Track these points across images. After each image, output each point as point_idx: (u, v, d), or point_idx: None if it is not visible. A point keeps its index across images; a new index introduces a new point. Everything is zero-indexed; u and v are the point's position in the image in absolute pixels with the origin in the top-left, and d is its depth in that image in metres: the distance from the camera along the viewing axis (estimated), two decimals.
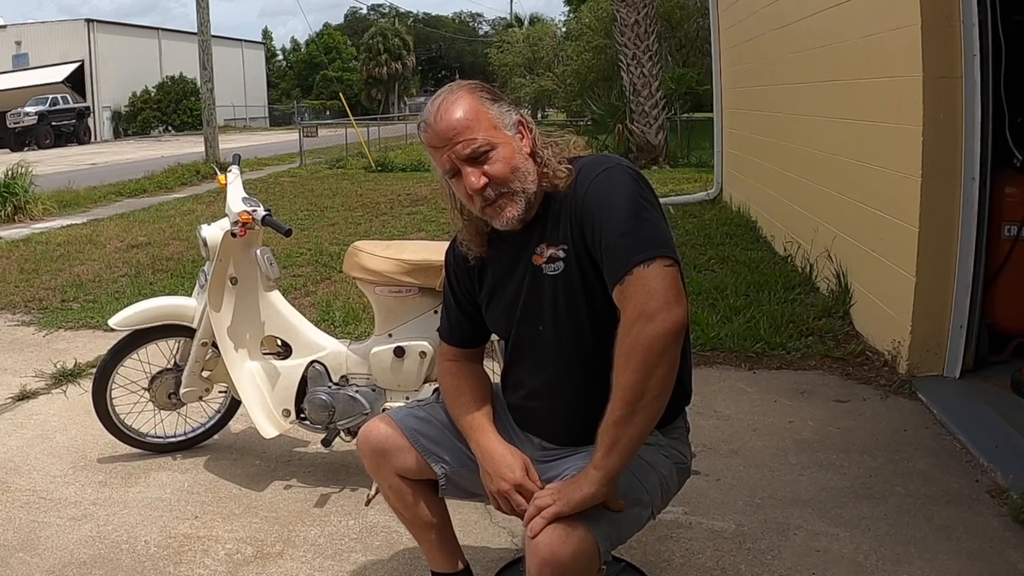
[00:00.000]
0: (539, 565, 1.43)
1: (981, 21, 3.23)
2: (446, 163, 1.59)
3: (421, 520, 1.86)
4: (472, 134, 1.55)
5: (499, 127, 1.59)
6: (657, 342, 1.39)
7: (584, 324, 1.60)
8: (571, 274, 1.58)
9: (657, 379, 1.41)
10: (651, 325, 1.39)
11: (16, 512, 2.70)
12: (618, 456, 1.43)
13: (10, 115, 30.53)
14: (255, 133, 39.15)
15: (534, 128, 1.64)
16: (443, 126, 1.56)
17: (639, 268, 1.43)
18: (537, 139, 1.63)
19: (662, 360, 1.40)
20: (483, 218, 1.64)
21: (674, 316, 1.40)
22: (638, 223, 1.47)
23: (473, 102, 1.58)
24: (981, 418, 3.10)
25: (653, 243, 1.45)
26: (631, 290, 1.43)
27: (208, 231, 2.83)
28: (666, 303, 1.40)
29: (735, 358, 3.93)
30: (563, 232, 1.58)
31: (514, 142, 1.60)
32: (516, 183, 1.58)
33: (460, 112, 1.56)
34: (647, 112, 13.62)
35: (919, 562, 2.25)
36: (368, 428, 1.85)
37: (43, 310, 5.29)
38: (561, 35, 32.93)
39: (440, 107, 1.58)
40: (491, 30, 69.82)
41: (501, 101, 1.62)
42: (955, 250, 3.38)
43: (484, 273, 1.75)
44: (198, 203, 10.79)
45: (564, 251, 1.58)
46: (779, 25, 5.89)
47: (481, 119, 1.57)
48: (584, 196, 1.54)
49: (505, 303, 1.70)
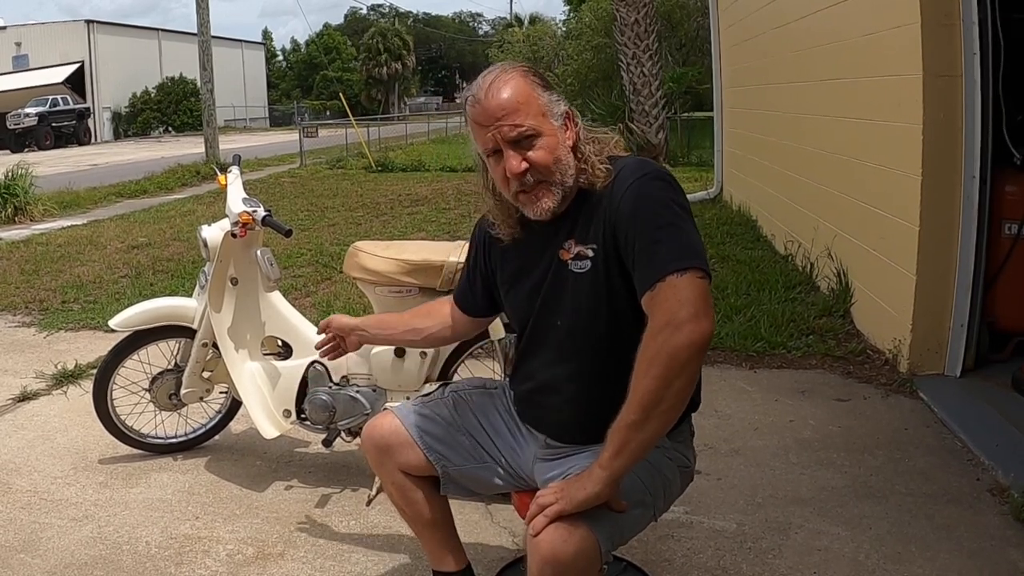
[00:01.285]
0: (540, 564, 1.43)
1: (981, 20, 3.23)
2: (489, 142, 1.57)
3: (423, 517, 1.86)
4: (520, 118, 1.54)
5: (547, 115, 1.57)
6: (682, 352, 1.38)
7: (601, 325, 1.59)
8: (597, 274, 1.57)
9: (676, 389, 1.39)
10: (678, 334, 1.38)
11: (17, 513, 2.70)
12: (625, 459, 1.43)
13: (10, 116, 30.53)
14: (255, 134, 39.15)
15: (579, 122, 1.63)
16: (493, 104, 1.54)
17: (672, 276, 1.42)
18: (581, 133, 1.62)
19: (684, 371, 1.39)
20: (515, 204, 1.64)
21: (702, 328, 1.39)
22: (673, 232, 1.46)
23: (525, 86, 1.57)
24: (982, 417, 3.10)
25: (688, 253, 1.44)
26: (661, 297, 1.42)
27: (208, 232, 2.83)
28: (695, 314, 1.39)
29: (736, 357, 3.93)
30: (594, 232, 1.57)
31: (559, 133, 1.58)
32: (556, 174, 1.57)
33: (511, 92, 1.55)
34: (647, 111, 13.62)
35: (920, 561, 2.25)
36: (372, 424, 1.85)
37: (44, 311, 5.30)
38: (561, 35, 32.91)
39: (492, 84, 1.56)
40: (491, 30, 69.86)
41: (552, 90, 1.60)
42: (955, 249, 3.38)
43: (508, 256, 1.74)
44: (198, 204, 10.80)
45: (593, 251, 1.57)
46: (779, 24, 5.88)
47: (531, 104, 1.55)
48: (621, 199, 1.52)
49: (526, 291, 1.70)
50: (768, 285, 4.91)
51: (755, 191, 7.10)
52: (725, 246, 6.22)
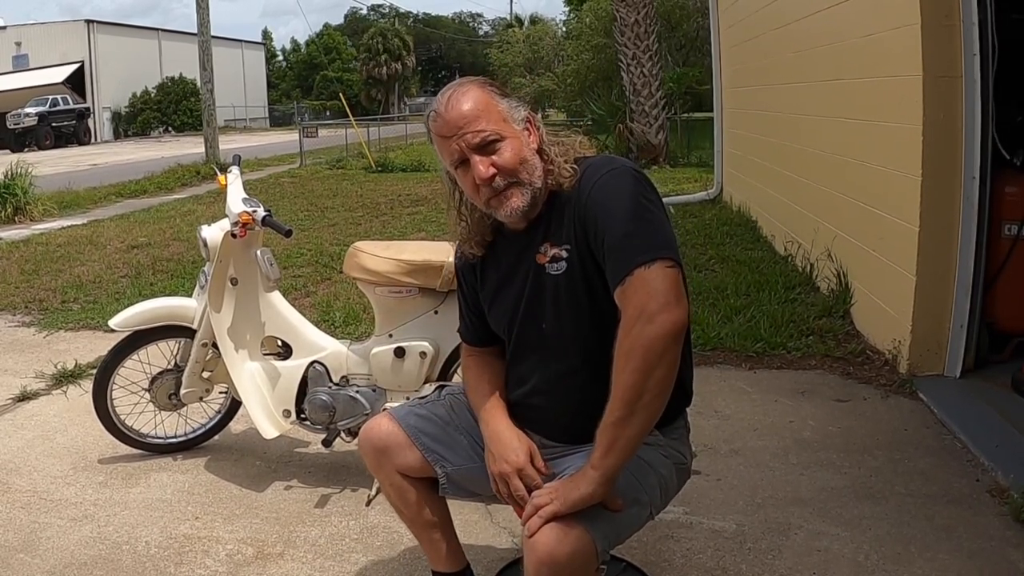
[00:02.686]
0: (536, 564, 1.43)
1: (981, 20, 3.23)
2: (454, 152, 1.59)
3: (422, 519, 1.86)
4: (482, 124, 1.57)
5: (508, 120, 1.61)
6: (657, 343, 1.39)
7: (586, 323, 1.60)
8: (574, 274, 1.58)
9: (656, 380, 1.41)
10: (651, 326, 1.40)
11: (17, 513, 2.70)
12: (616, 456, 1.44)
13: (10, 116, 30.53)
14: (255, 134, 39.15)
15: (541, 126, 1.66)
16: (454, 115, 1.58)
17: (640, 269, 1.43)
18: (544, 137, 1.65)
19: (661, 361, 1.40)
20: (487, 211, 1.65)
21: (674, 317, 1.41)
22: (640, 224, 1.48)
23: (483, 95, 1.60)
24: (982, 417, 3.09)
25: (655, 244, 1.45)
26: (631, 290, 1.43)
27: (208, 232, 2.83)
28: (666, 304, 1.40)
29: (735, 358, 3.93)
30: (567, 232, 1.59)
31: (522, 136, 1.61)
32: (523, 174, 1.59)
33: (471, 102, 1.58)
34: (647, 112, 13.62)
35: (920, 562, 2.25)
36: (370, 426, 1.85)
37: (43, 311, 5.30)
38: (561, 35, 32.96)
39: (451, 97, 1.60)
40: (491, 30, 69.88)
41: (510, 97, 1.64)
42: (955, 249, 3.38)
43: (487, 273, 1.75)
44: (198, 204, 10.79)
45: (567, 251, 1.59)
46: (779, 25, 5.89)
47: (491, 111, 1.59)
48: (588, 196, 1.54)
49: (508, 302, 1.70)
50: (768, 286, 4.91)
51: (755, 192, 7.10)
52: (725, 246, 6.22)
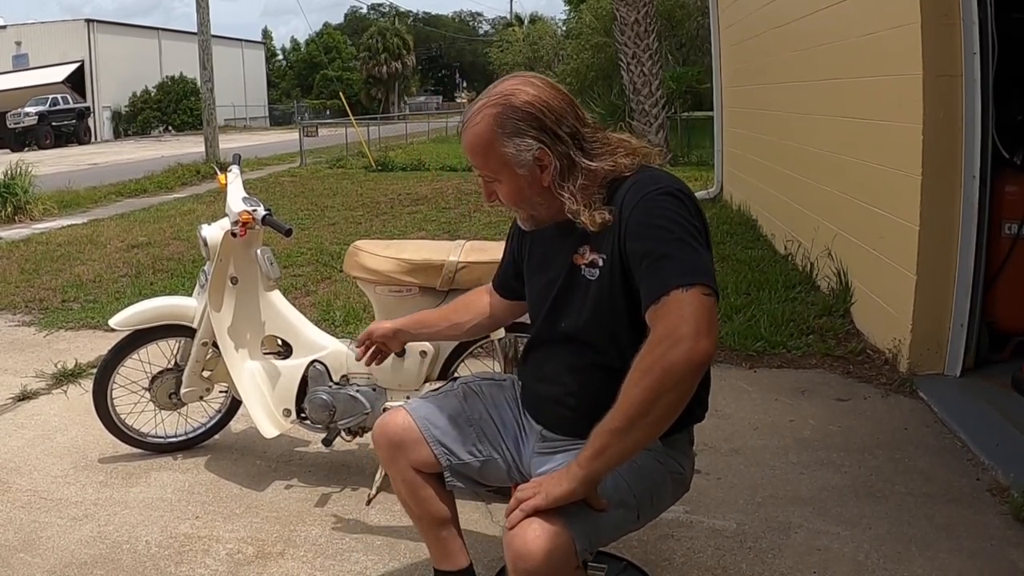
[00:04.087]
0: (513, 558, 1.43)
1: (981, 19, 3.23)
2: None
3: (430, 515, 1.86)
4: (479, 162, 1.62)
5: (509, 164, 1.58)
6: (678, 367, 1.36)
7: (606, 331, 1.60)
8: (603, 285, 1.58)
9: (665, 404, 1.38)
10: (675, 350, 1.36)
11: (17, 512, 2.70)
12: (604, 462, 1.42)
13: (10, 115, 30.53)
14: (255, 133, 39.16)
15: (556, 163, 1.58)
16: (465, 140, 1.63)
17: (676, 291, 1.40)
18: (556, 177, 1.58)
19: (676, 387, 1.37)
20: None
21: (701, 347, 1.36)
22: (682, 247, 1.45)
23: (489, 137, 1.57)
24: (982, 416, 3.10)
25: (695, 270, 1.42)
26: (664, 311, 1.40)
27: (208, 231, 2.83)
28: (696, 332, 1.36)
29: (736, 356, 3.93)
30: (607, 243, 1.57)
31: (523, 179, 1.59)
32: (522, 209, 1.66)
33: (475, 141, 1.60)
34: (647, 111, 13.62)
35: (920, 561, 2.25)
36: (384, 420, 1.86)
37: (44, 310, 5.30)
38: (561, 34, 32.95)
39: (470, 119, 1.61)
40: (491, 29, 69.85)
41: (523, 135, 1.56)
42: (956, 248, 3.38)
43: (535, 245, 1.79)
44: (198, 203, 10.79)
45: (603, 260, 1.58)
46: (779, 24, 5.89)
47: (491, 156, 1.59)
48: (631, 214, 1.52)
49: (542, 285, 1.73)
50: (768, 284, 4.91)
51: (755, 190, 7.10)
52: (725, 245, 6.22)
